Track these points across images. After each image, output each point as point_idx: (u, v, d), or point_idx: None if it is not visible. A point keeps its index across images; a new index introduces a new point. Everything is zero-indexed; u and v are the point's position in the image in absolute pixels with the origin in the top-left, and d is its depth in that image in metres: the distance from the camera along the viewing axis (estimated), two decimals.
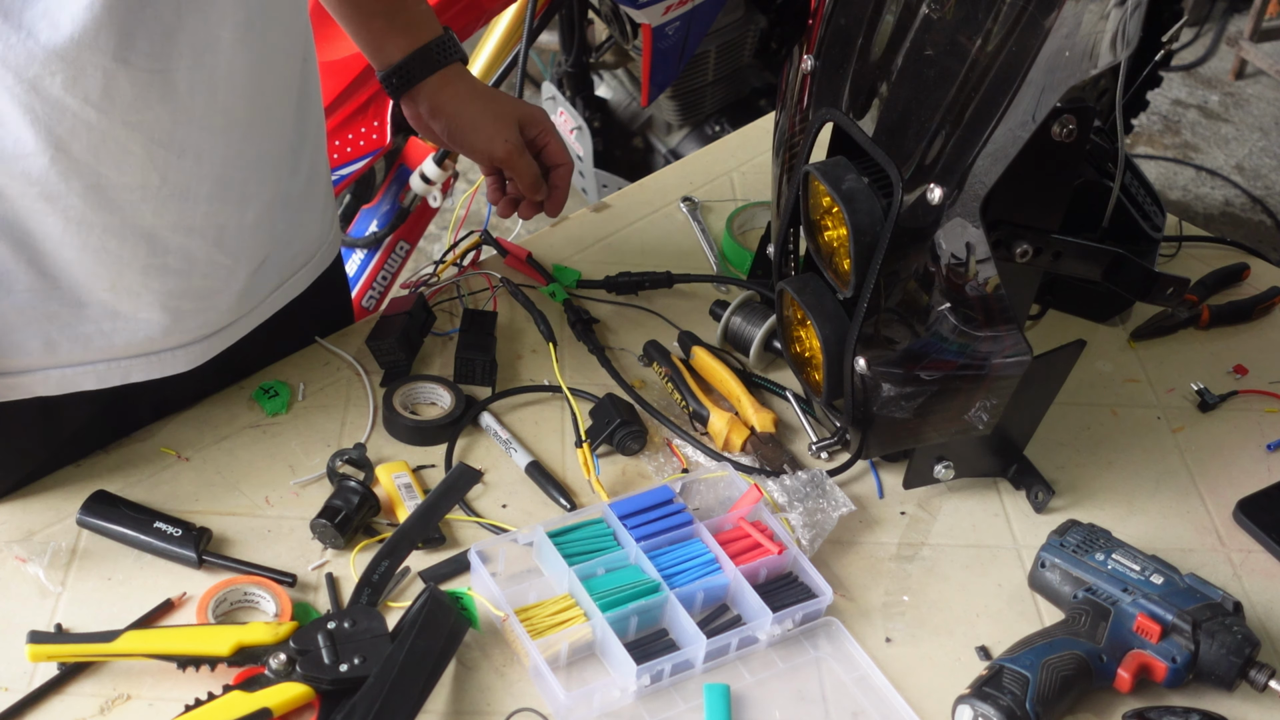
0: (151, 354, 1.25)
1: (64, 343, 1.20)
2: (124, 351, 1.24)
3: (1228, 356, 1.57)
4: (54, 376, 1.22)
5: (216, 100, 1.15)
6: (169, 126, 1.13)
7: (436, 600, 1.13)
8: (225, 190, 1.21)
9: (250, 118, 1.20)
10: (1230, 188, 3.71)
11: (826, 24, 1.27)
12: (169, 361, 1.27)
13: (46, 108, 1.06)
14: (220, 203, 1.21)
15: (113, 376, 1.24)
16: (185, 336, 1.26)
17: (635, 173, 2.76)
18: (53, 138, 1.08)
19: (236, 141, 1.19)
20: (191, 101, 1.13)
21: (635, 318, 1.55)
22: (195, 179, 1.17)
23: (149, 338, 1.24)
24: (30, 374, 1.21)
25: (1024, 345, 1.17)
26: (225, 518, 1.26)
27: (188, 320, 1.25)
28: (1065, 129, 1.10)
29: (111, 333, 1.21)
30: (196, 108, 1.13)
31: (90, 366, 1.23)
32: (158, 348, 1.25)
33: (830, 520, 1.28)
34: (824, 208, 1.27)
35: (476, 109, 1.39)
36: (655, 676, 1.15)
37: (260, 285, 1.33)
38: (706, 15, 2.37)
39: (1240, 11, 4.26)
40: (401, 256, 2.36)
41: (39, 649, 1.09)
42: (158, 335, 1.24)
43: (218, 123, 1.16)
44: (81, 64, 1.04)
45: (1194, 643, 1.15)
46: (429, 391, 1.41)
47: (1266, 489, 1.39)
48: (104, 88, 1.07)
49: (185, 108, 1.13)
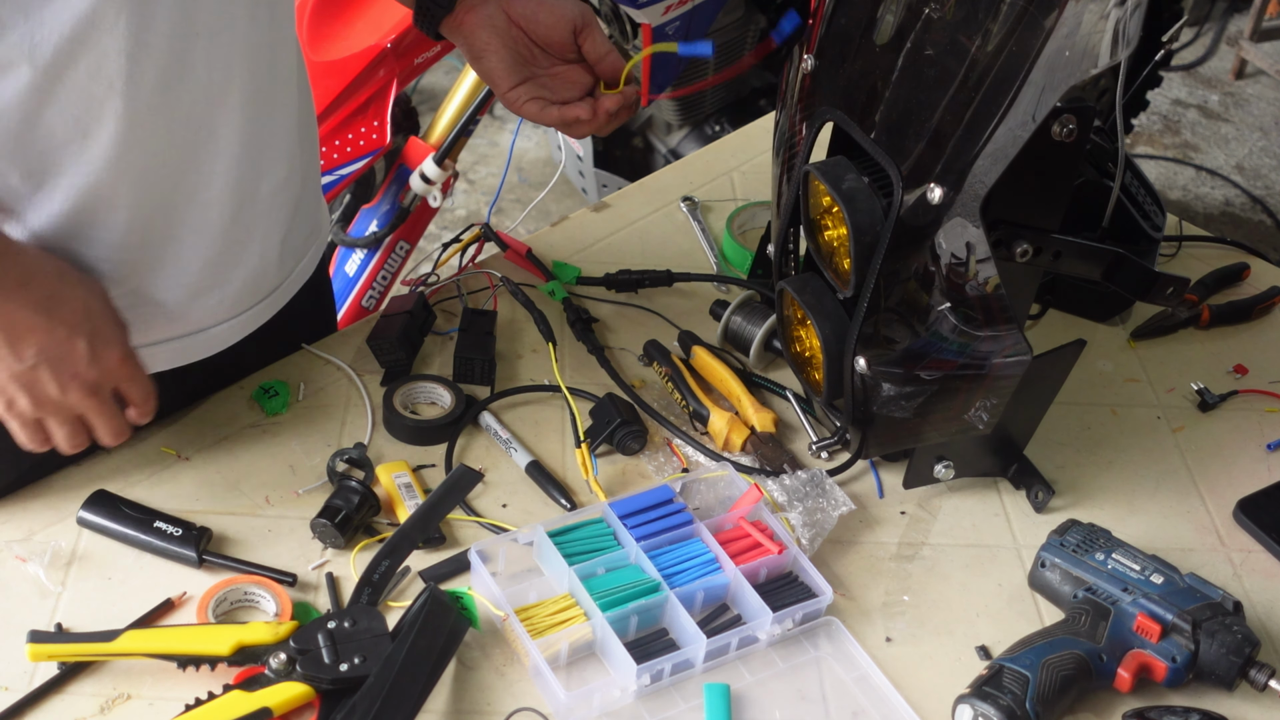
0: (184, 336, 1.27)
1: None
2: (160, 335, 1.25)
3: (1228, 356, 1.57)
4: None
5: (233, 77, 1.16)
6: (189, 106, 1.14)
7: (437, 600, 1.13)
8: (244, 165, 1.22)
9: (265, 93, 1.22)
10: (1230, 188, 3.71)
11: (827, 24, 1.27)
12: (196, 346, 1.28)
13: (73, 96, 1.06)
14: (239, 177, 1.22)
15: (156, 361, 1.24)
16: (208, 319, 1.28)
17: (635, 173, 2.77)
18: (80, 126, 1.08)
19: (253, 117, 1.21)
20: (209, 79, 1.14)
21: (635, 317, 1.55)
22: (214, 156, 1.18)
23: (184, 316, 1.25)
24: None
25: (1024, 345, 1.17)
26: (225, 517, 1.26)
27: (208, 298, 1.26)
28: (1065, 129, 1.10)
29: (151, 317, 1.22)
30: (215, 85, 1.14)
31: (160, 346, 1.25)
32: (188, 329, 1.27)
33: (830, 520, 1.28)
34: (824, 207, 1.27)
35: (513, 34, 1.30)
36: (655, 676, 1.15)
37: (287, 256, 1.34)
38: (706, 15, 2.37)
39: (1240, 11, 4.26)
40: (401, 256, 2.36)
41: (39, 648, 1.09)
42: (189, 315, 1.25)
43: (234, 99, 1.17)
44: (104, 49, 1.05)
45: (1194, 642, 1.15)
46: (429, 391, 1.41)
47: (1267, 489, 1.39)
48: (128, 73, 1.07)
49: (204, 86, 1.13)
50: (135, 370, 1.15)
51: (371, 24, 2.21)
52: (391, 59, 2.17)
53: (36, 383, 1.10)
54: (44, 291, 1.09)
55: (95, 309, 1.12)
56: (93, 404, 1.13)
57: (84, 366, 1.10)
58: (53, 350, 1.09)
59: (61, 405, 1.12)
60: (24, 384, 1.10)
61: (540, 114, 1.33)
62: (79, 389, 1.11)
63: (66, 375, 1.10)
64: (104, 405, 1.14)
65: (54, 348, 1.09)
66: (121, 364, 1.14)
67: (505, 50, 1.30)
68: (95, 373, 1.11)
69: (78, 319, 1.10)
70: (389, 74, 2.18)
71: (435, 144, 2.29)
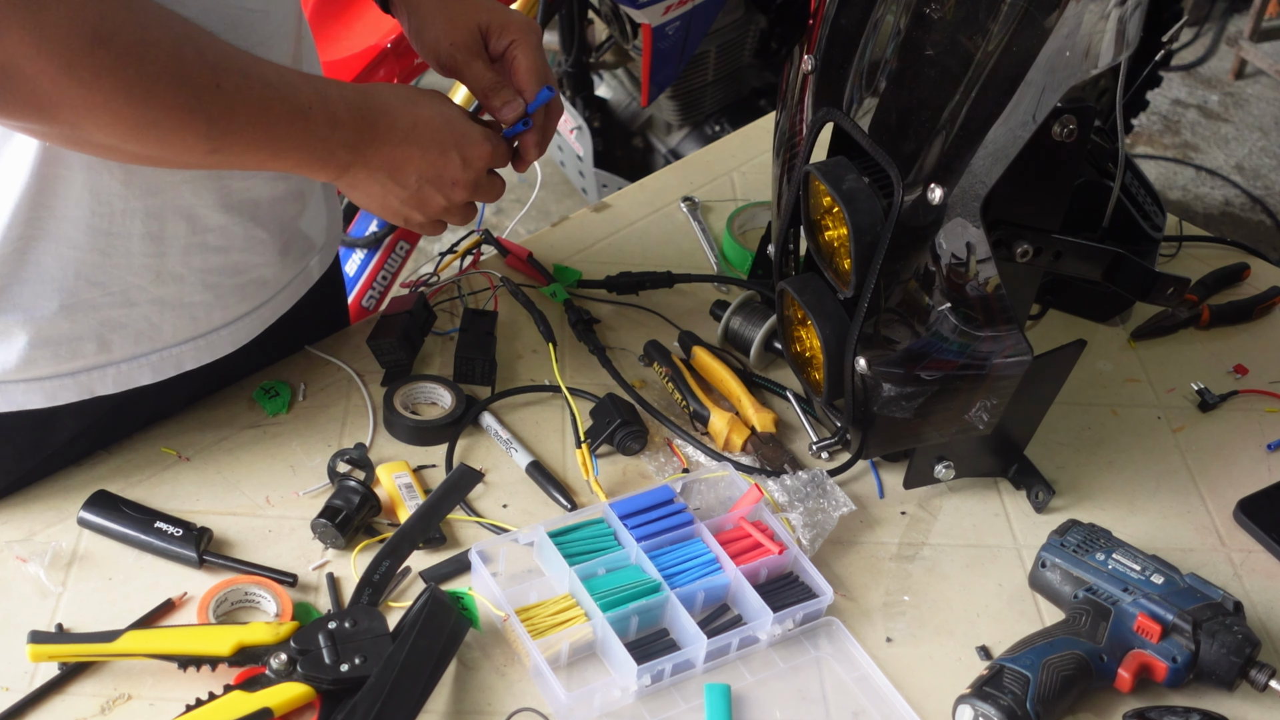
0: (199, 337, 1.27)
1: (116, 340, 1.20)
2: (173, 339, 1.25)
3: (1228, 356, 1.57)
4: (110, 374, 1.22)
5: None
6: None
7: (437, 600, 1.13)
8: None
9: None
10: (1230, 188, 3.71)
11: (827, 24, 1.27)
12: (216, 344, 1.29)
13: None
14: (254, 178, 1.22)
15: (166, 367, 1.26)
16: (229, 314, 1.28)
17: (635, 173, 2.77)
18: None
19: None
20: None
21: (636, 318, 1.55)
22: None
23: (194, 319, 1.25)
24: (88, 373, 1.21)
25: (1024, 345, 1.17)
26: (226, 517, 1.26)
27: (229, 298, 1.27)
28: (1066, 129, 1.10)
29: (160, 323, 1.23)
30: None
31: (144, 359, 1.24)
32: (203, 330, 1.27)
33: (831, 520, 1.28)
34: (824, 207, 1.27)
35: (433, 4, 1.27)
36: (656, 676, 1.15)
37: (293, 258, 1.34)
38: (706, 15, 2.38)
39: (1240, 11, 4.27)
40: (401, 256, 2.36)
41: (40, 649, 1.09)
42: (202, 316, 1.25)
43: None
44: None
45: (1194, 642, 1.15)
46: (429, 391, 1.41)
47: (1267, 489, 1.39)
48: None
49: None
50: (500, 148, 1.21)
51: (371, 24, 2.21)
52: (391, 59, 2.17)
53: (425, 200, 1.19)
54: (407, 123, 1.14)
55: (452, 117, 1.18)
56: (476, 194, 1.21)
57: (459, 173, 1.18)
58: (430, 171, 1.17)
59: (450, 209, 1.21)
60: (415, 204, 1.19)
61: None
62: (462, 191, 1.20)
63: (448, 185, 1.18)
64: (484, 189, 1.22)
65: (430, 168, 1.17)
66: (490, 155, 1.20)
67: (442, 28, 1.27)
68: (471, 174, 1.19)
69: (442, 135, 1.16)
70: (389, 74, 2.18)
71: None
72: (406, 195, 1.18)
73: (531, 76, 1.24)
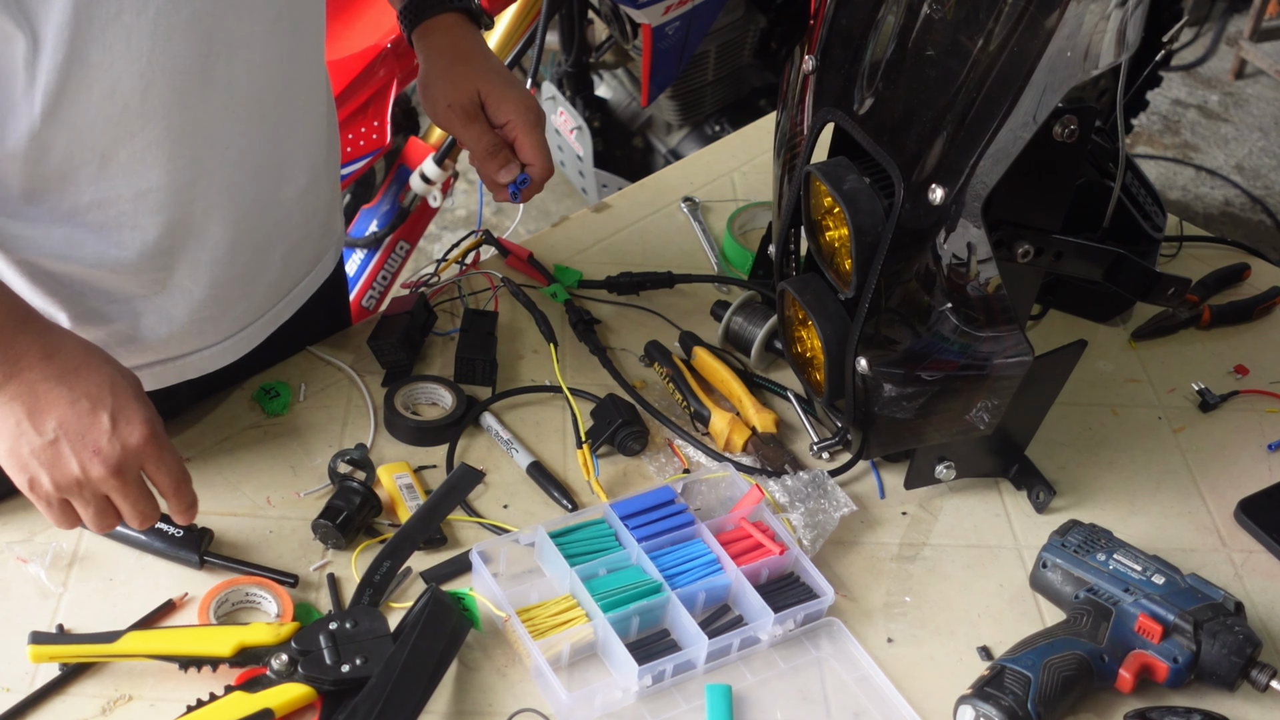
0: (203, 349, 1.28)
1: (124, 352, 1.20)
2: (178, 350, 1.26)
3: (1229, 356, 1.57)
4: None
5: (254, 93, 1.16)
6: (209, 123, 1.14)
7: (438, 601, 1.13)
8: (265, 178, 1.23)
9: (287, 106, 1.22)
10: (1230, 188, 3.71)
11: (828, 24, 1.27)
12: (221, 353, 1.29)
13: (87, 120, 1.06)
14: (260, 190, 1.23)
15: (169, 375, 1.27)
16: (235, 325, 1.29)
17: (635, 173, 2.76)
18: (97, 150, 1.08)
19: (273, 130, 1.21)
20: (230, 96, 1.14)
21: (636, 318, 1.55)
22: (236, 169, 1.19)
23: (201, 332, 1.26)
24: None
25: (1025, 345, 1.17)
26: (227, 518, 1.26)
27: (235, 308, 1.28)
28: (1067, 129, 1.10)
29: (168, 336, 1.24)
30: (235, 101, 1.15)
31: (148, 369, 1.25)
32: (209, 341, 1.28)
33: (832, 520, 1.28)
34: (825, 208, 1.27)
35: (441, 65, 1.33)
36: (657, 677, 1.15)
37: (296, 268, 1.35)
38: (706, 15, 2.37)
39: (1240, 11, 4.26)
40: (401, 256, 2.36)
41: (41, 650, 1.09)
42: (209, 328, 1.26)
43: (256, 113, 1.18)
44: (116, 73, 1.04)
45: (1195, 643, 1.15)
46: (430, 392, 1.41)
47: (1267, 489, 1.39)
48: (143, 92, 1.07)
49: (224, 102, 1.14)
50: (162, 454, 1.09)
51: (371, 24, 2.21)
52: (391, 59, 2.17)
53: (58, 458, 1.04)
54: (69, 364, 1.05)
55: (120, 385, 1.07)
56: (115, 484, 1.06)
57: (105, 442, 1.05)
58: (73, 423, 1.04)
59: (84, 483, 1.06)
60: (45, 460, 1.05)
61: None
62: (101, 466, 1.05)
63: (88, 451, 1.04)
64: (128, 486, 1.07)
65: (75, 421, 1.04)
66: (146, 443, 1.07)
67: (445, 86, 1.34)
68: (118, 449, 1.05)
69: (101, 392, 1.05)
70: (389, 74, 2.18)
71: (435, 144, 2.29)
72: (39, 445, 1.04)
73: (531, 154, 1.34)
